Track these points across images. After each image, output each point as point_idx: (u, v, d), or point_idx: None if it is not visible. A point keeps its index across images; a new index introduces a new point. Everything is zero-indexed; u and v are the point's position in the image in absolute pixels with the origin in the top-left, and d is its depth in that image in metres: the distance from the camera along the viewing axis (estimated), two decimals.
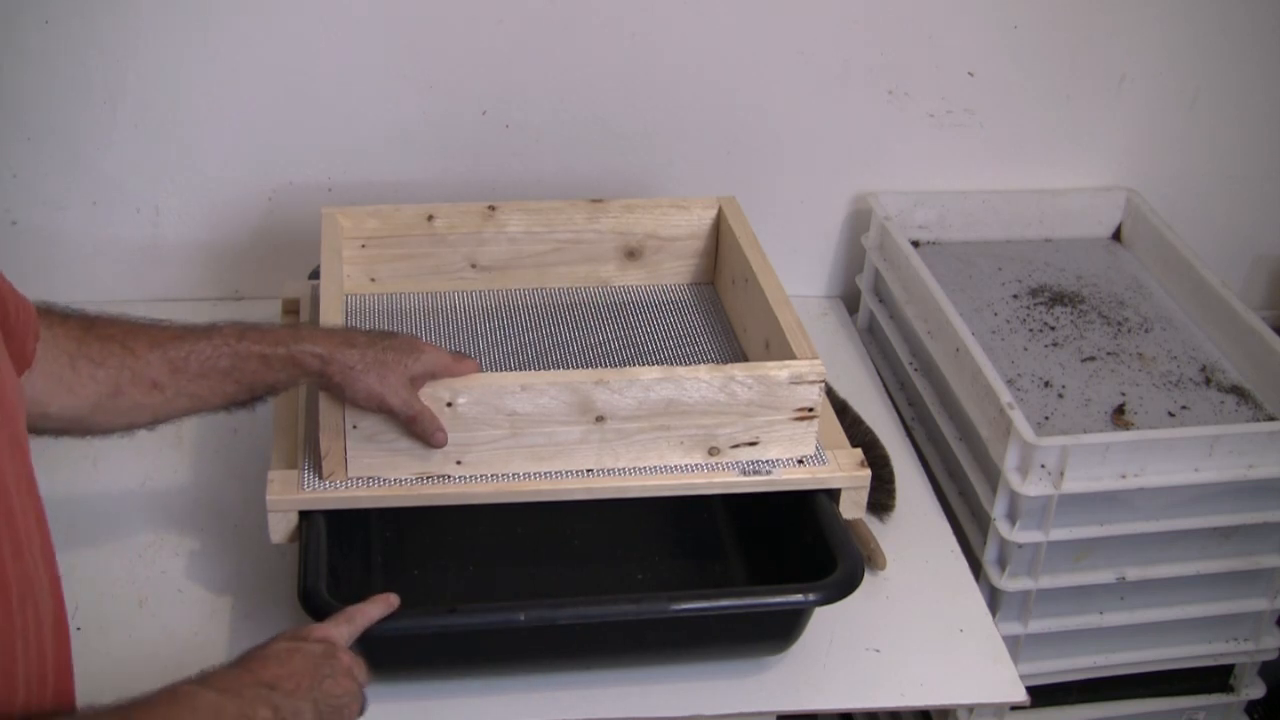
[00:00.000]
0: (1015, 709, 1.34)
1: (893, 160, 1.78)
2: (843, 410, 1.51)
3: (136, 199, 1.66)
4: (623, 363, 1.41)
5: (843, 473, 1.27)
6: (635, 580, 1.33)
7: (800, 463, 1.28)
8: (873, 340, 1.80)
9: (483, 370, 1.22)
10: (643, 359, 1.41)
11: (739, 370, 1.24)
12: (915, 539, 1.43)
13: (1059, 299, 1.71)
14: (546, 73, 1.65)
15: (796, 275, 1.78)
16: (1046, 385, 1.55)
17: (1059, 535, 1.39)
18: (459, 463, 1.23)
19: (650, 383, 1.22)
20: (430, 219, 1.48)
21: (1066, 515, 1.39)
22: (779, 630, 1.23)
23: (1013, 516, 1.40)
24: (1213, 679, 1.62)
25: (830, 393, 1.44)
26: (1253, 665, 1.62)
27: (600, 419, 1.23)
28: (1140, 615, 1.49)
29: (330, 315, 1.29)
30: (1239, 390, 1.56)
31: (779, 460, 1.28)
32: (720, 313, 1.51)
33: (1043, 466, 1.37)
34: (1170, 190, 1.85)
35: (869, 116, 1.74)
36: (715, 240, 1.54)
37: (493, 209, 1.49)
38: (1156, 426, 1.48)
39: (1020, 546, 1.40)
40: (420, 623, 1.13)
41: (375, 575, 1.31)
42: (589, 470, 1.25)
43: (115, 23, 1.53)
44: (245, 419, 1.28)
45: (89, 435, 1.13)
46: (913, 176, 1.79)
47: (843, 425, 1.35)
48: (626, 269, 1.54)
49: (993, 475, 1.42)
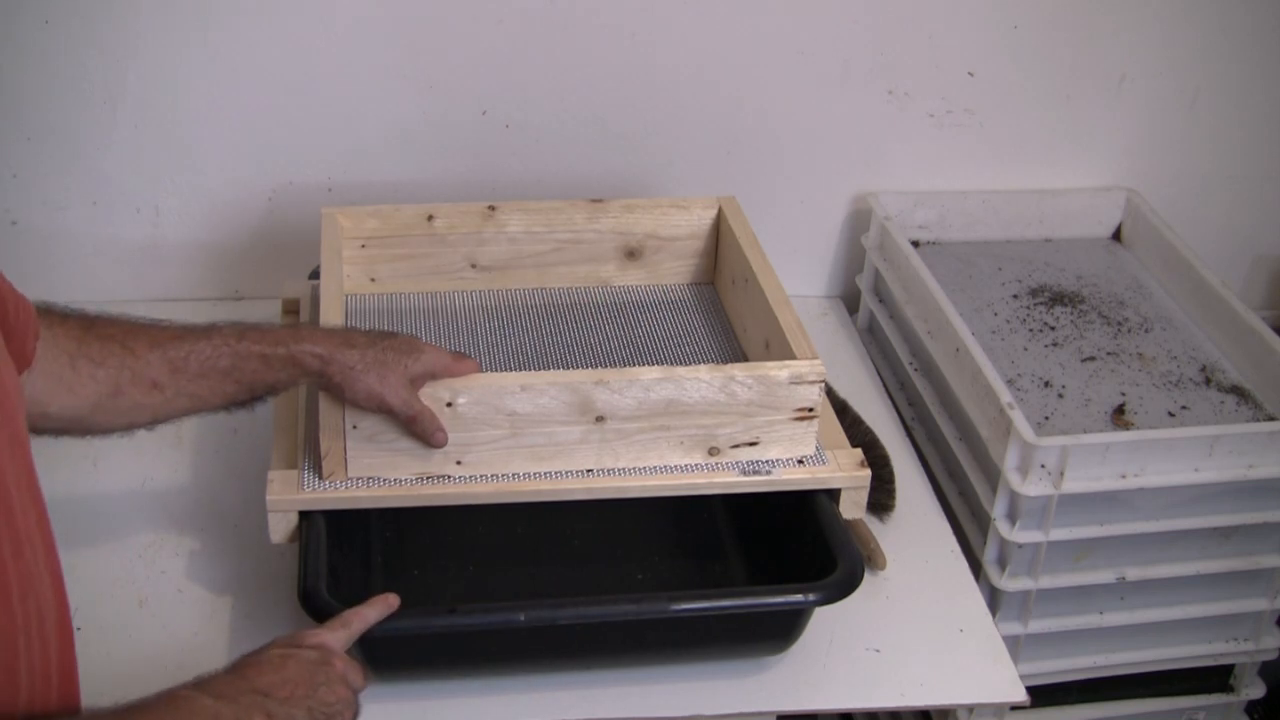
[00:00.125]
0: (1015, 709, 1.34)
1: (893, 160, 1.78)
2: (843, 410, 1.51)
3: (136, 199, 1.66)
4: (623, 363, 1.41)
5: (843, 473, 1.27)
6: (635, 580, 1.33)
7: (800, 463, 1.28)
8: (873, 340, 1.80)
9: (483, 370, 1.22)
10: (643, 359, 1.41)
11: (739, 370, 1.24)
12: (915, 539, 1.43)
13: (1059, 299, 1.71)
14: (546, 73, 1.65)
15: (796, 275, 1.78)
16: (1046, 385, 1.55)
17: (1059, 535, 1.39)
18: (459, 463, 1.23)
19: (650, 383, 1.22)
20: (430, 219, 1.48)
21: (1066, 515, 1.39)
22: (779, 630, 1.23)
23: (1013, 516, 1.40)
24: (1213, 679, 1.62)
25: (830, 393, 1.44)
26: (1253, 665, 1.62)
27: (600, 419, 1.23)
28: (1140, 615, 1.49)
29: (330, 315, 1.29)
30: (1239, 390, 1.56)
31: (779, 460, 1.27)
32: (720, 313, 1.51)
33: (1043, 466, 1.37)
34: (1170, 190, 1.85)
35: (869, 116, 1.74)
36: (715, 240, 1.54)
37: (493, 209, 1.49)
38: (1156, 426, 1.48)
39: (1020, 546, 1.40)
40: (420, 623, 1.13)
41: (375, 575, 1.31)
42: (589, 470, 1.25)
43: (115, 23, 1.53)
44: (245, 419, 1.28)
45: (89, 435, 1.13)
46: (913, 176, 1.79)
47: (843, 425, 1.35)
48: (626, 269, 1.54)
49: (993, 475, 1.42)
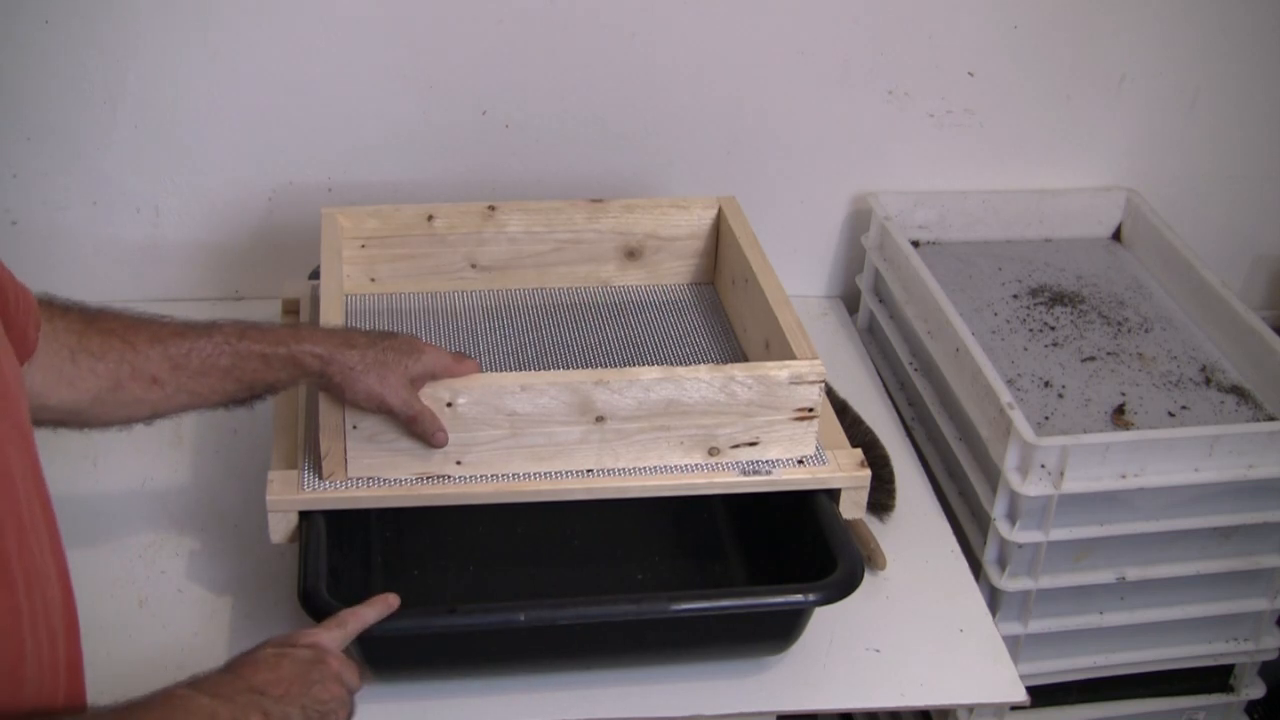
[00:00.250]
0: (1015, 709, 1.34)
1: (893, 160, 1.78)
2: (843, 410, 1.51)
3: (136, 199, 1.66)
4: (623, 363, 1.41)
5: (843, 473, 1.27)
6: (635, 580, 1.33)
7: (800, 463, 1.28)
8: (873, 340, 1.80)
9: (483, 370, 1.22)
10: (643, 359, 1.41)
11: (739, 370, 1.24)
12: (915, 539, 1.43)
13: (1059, 299, 1.70)
14: (546, 73, 1.65)
15: (796, 275, 1.78)
16: (1046, 385, 1.55)
17: (1059, 535, 1.39)
18: (459, 463, 1.23)
19: (650, 383, 1.22)
20: (430, 219, 1.48)
21: (1066, 515, 1.39)
22: (779, 630, 1.23)
23: (1013, 516, 1.40)
24: (1213, 679, 1.62)
25: (830, 393, 1.44)
26: (1253, 665, 1.62)
27: (600, 419, 1.23)
28: (1140, 615, 1.49)
29: (330, 315, 1.29)
30: (1239, 390, 1.56)
31: (779, 460, 1.27)
32: (720, 313, 1.51)
33: (1043, 466, 1.37)
34: (1170, 190, 1.85)
35: (869, 116, 1.74)
36: (715, 240, 1.54)
37: (493, 209, 1.49)
38: (1156, 426, 1.48)
39: (1020, 546, 1.40)
40: (420, 623, 1.13)
41: (375, 575, 1.31)
42: (589, 470, 1.25)
43: (115, 23, 1.53)
44: (245, 419, 1.28)
45: (86, 428, 1.13)
46: (913, 176, 1.79)
47: (843, 425, 1.35)
48: (626, 269, 1.54)
49: (993, 475, 1.42)
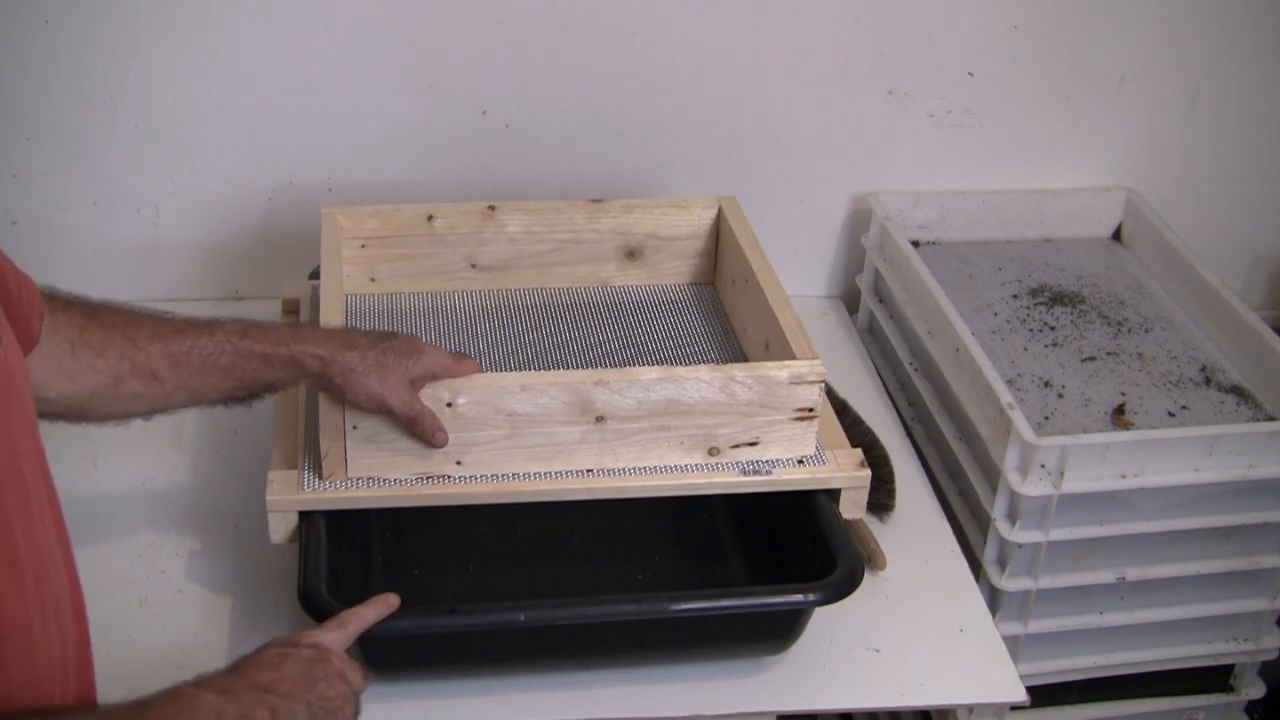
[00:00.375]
0: (1015, 709, 1.34)
1: (893, 160, 1.78)
2: (843, 410, 1.51)
3: (136, 199, 1.66)
4: (623, 363, 1.41)
5: (843, 473, 1.27)
6: (635, 580, 1.33)
7: (800, 463, 1.28)
8: (873, 340, 1.80)
9: (483, 370, 1.22)
10: (643, 359, 1.41)
11: (739, 370, 1.24)
12: (915, 539, 1.43)
13: (1059, 299, 1.70)
14: (546, 73, 1.65)
15: (796, 275, 1.78)
16: (1046, 385, 1.55)
17: (1059, 535, 1.39)
18: (459, 463, 1.23)
19: (650, 383, 1.22)
20: (430, 219, 1.48)
21: (1066, 515, 1.39)
22: (779, 630, 1.23)
23: (1013, 516, 1.40)
24: (1213, 679, 1.62)
25: (830, 393, 1.44)
26: (1253, 665, 1.62)
27: (600, 419, 1.23)
28: (1140, 615, 1.49)
29: (330, 315, 1.29)
30: (1239, 390, 1.56)
31: (779, 460, 1.27)
32: (720, 313, 1.50)
33: (1043, 466, 1.37)
34: (1170, 190, 1.85)
35: (869, 116, 1.74)
36: (715, 240, 1.54)
37: (493, 209, 1.49)
38: (1156, 426, 1.48)
39: (1020, 546, 1.40)
40: (420, 623, 1.13)
41: (375, 575, 1.31)
42: (589, 470, 1.25)
43: (115, 23, 1.53)
44: (245, 419, 1.28)
45: (84, 422, 1.12)
46: (913, 176, 1.79)
47: (843, 425, 1.35)
48: (626, 269, 1.54)
49: (993, 475, 1.42)
